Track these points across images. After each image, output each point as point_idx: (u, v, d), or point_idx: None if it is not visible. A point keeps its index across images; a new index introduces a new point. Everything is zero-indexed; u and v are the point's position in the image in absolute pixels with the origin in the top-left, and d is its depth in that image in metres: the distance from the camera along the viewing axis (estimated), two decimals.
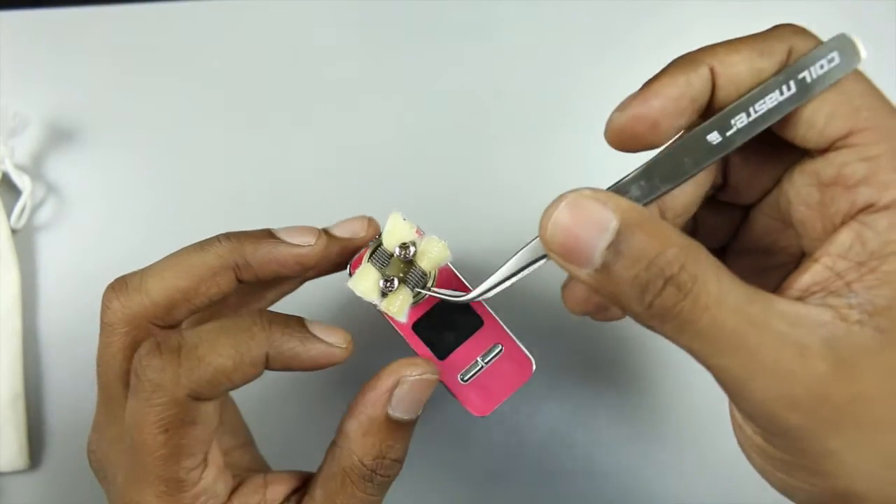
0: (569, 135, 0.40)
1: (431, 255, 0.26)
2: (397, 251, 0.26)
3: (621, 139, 0.22)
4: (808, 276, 0.20)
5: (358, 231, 0.28)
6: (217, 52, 0.41)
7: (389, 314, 0.26)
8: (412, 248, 0.26)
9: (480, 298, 0.25)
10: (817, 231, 0.22)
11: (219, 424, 0.24)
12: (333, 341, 0.25)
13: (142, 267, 0.26)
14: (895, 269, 0.19)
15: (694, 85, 0.22)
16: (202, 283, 0.25)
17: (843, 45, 0.21)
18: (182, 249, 0.26)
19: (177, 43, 0.41)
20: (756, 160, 0.24)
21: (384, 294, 0.26)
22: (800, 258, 0.22)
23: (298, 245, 0.26)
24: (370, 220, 0.28)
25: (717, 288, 0.19)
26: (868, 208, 0.20)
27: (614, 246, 0.20)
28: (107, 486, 0.26)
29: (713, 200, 0.26)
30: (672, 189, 0.22)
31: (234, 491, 0.25)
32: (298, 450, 0.38)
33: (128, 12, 0.42)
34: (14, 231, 0.39)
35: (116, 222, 0.40)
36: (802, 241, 0.23)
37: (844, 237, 0.20)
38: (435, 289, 0.26)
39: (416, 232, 0.26)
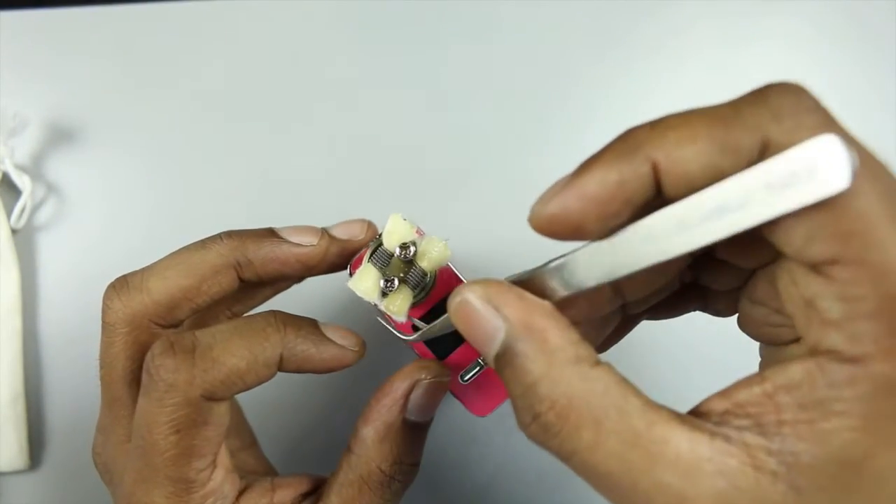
0: (568, 134, 0.40)
1: (432, 255, 0.26)
2: (398, 251, 0.26)
3: (545, 233, 0.19)
4: (745, 395, 0.18)
5: (357, 233, 0.28)
6: (217, 52, 0.41)
7: (389, 314, 0.26)
8: (412, 248, 0.26)
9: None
10: (802, 331, 0.18)
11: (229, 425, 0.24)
12: (346, 344, 0.25)
13: (142, 267, 0.26)
14: (834, 429, 0.16)
15: (627, 185, 0.17)
16: (204, 282, 0.25)
17: (825, 154, 0.15)
18: (184, 248, 0.26)
19: (177, 43, 0.41)
20: (745, 239, 0.20)
21: (384, 294, 0.26)
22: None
23: (301, 245, 0.26)
24: (369, 224, 0.28)
25: (591, 435, 0.17)
26: (833, 353, 0.16)
27: (501, 357, 0.18)
28: (113, 489, 0.26)
29: (710, 256, 0.22)
30: (602, 285, 0.19)
31: (240, 494, 0.25)
32: (300, 451, 0.38)
33: (128, 12, 0.42)
34: (14, 231, 0.39)
35: (116, 222, 0.40)
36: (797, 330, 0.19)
37: (797, 371, 0.17)
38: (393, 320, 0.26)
39: (417, 232, 0.26)
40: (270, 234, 0.26)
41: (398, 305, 0.26)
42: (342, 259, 0.28)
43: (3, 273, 0.38)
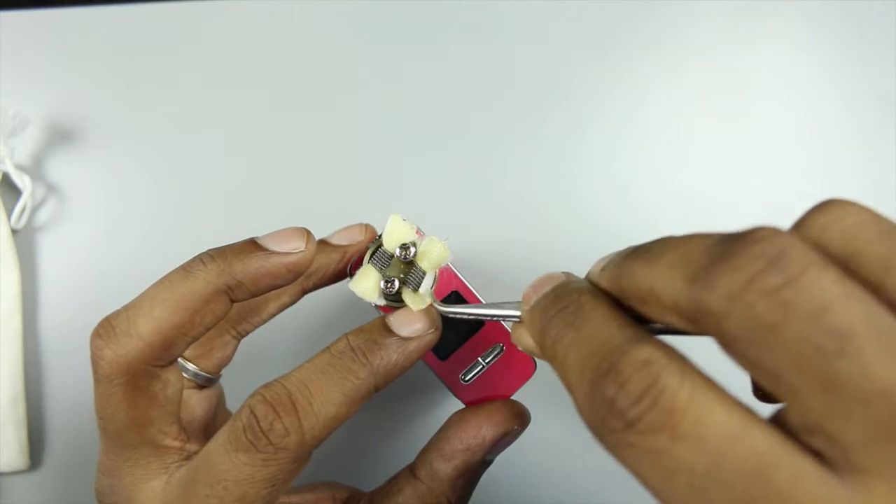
0: (568, 134, 0.40)
1: (432, 256, 0.26)
2: (398, 252, 0.26)
3: None
4: None
5: (356, 237, 0.28)
6: (217, 52, 0.41)
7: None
8: (412, 249, 0.26)
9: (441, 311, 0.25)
10: None
11: None
12: (421, 330, 0.24)
13: (135, 272, 0.25)
14: None
15: None
16: (196, 315, 0.23)
17: None
18: (166, 278, 0.24)
19: (177, 43, 0.41)
20: None
21: (385, 295, 0.26)
22: None
23: (289, 253, 0.25)
24: (367, 227, 0.28)
25: None
26: None
27: None
28: None
29: None
30: None
31: None
32: None
33: (128, 12, 0.42)
34: (14, 231, 0.39)
35: (117, 222, 0.40)
36: None
37: None
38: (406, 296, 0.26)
39: (417, 232, 0.26)
40: (255, 247, 0.24)
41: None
42: (345, 265, 0.28)
43: (3, 273, 0.38)
